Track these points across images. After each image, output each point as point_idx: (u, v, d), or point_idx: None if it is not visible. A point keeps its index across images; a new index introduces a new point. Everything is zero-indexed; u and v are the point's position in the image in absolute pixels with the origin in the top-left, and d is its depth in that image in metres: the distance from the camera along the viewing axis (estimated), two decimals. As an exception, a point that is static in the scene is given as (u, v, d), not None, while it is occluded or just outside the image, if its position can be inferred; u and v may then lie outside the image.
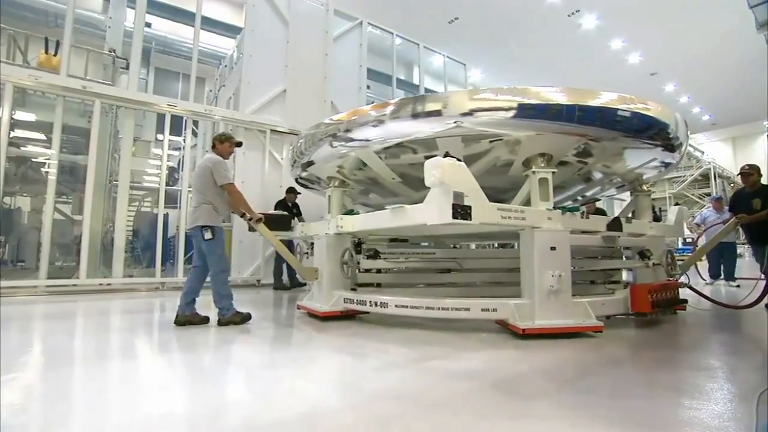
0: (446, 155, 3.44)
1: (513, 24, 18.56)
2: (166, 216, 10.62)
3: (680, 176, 28.60)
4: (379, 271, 5.25)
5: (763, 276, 5.00)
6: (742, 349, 3.65)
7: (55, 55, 9.01)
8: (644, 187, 5.48)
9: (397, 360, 3.20)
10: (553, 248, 3.86)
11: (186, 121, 10.12)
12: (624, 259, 5.79)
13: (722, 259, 8.93)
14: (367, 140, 4.40)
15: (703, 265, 9.77)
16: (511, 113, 3.84)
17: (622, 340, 3.78)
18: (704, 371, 2.85)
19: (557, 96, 3.91)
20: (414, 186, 5.11)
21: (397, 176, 4.93)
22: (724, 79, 22.23)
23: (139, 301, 6.68)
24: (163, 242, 8.65)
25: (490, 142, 4.14)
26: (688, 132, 4.92)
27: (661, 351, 3.47)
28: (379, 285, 5.22)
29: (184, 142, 11.71)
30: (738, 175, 5.77)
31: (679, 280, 5.01)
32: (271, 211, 7.62)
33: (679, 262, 5.29)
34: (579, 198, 6.21)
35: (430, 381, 2.63)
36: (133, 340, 3.99)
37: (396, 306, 4.19)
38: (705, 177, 28.87)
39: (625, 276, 6.28)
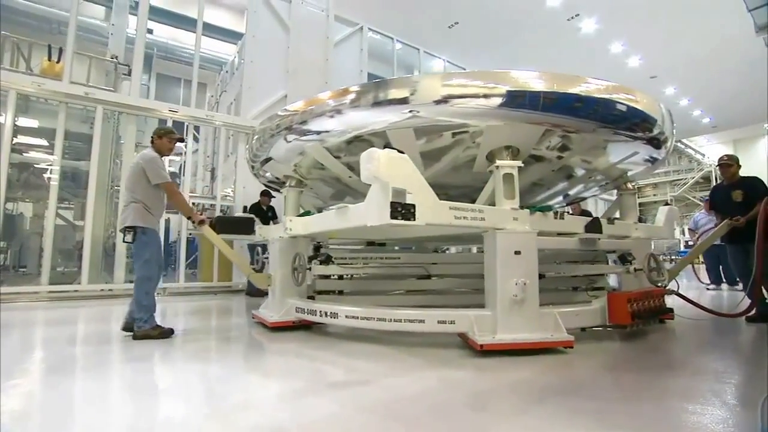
0: (386, 147, 3.01)
1: (513, 28, 18.59)
2: (167, 221, 10.71)
3: (681, 179, 28.61)
4: (341, 277, 4.78)
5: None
6: (732, 368, 3.04)
7: (58, 62, 8.99)
8: (629, 185, 4.97)
9: (332, 384, 2.69)
10: (517, 252, 3.35)
11: (187, 126, 10.01)
12: (611, 264, 5.23)
13: (721, 263, 8.47)
14: (325, 132, 3.93)
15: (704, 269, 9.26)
16: (497, 101, 3.36)
17: (594, 357, 3.26)
18: (683, 400, 2.24)
19: (544, 83, 3.45)
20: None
21: (354, 174, 4.39)
22: (725, 82, 22.11)
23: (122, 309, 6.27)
24: (165, 247, 8.70)
25: (454, 135, 3.70)
26: (674, 125, 4.58)
27: (638, 372, 2.89)
28: (341, 292, 4.73)
29: (186, 147, 11.75)
30: (716, 166, 5.36)
31: (668, 287, 4.51)
32: (238, 214, 7.33)
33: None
34: (564, 197, 5.78)
35: (348, 412, 2.07)
36: (49, 356, 3.51)
37: (346, 317, 3.71)
38: (706, 179, 28.81)
39: (614, 282, 5.71)
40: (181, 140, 4.47)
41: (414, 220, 2.86)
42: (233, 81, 11.68)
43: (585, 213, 8.07)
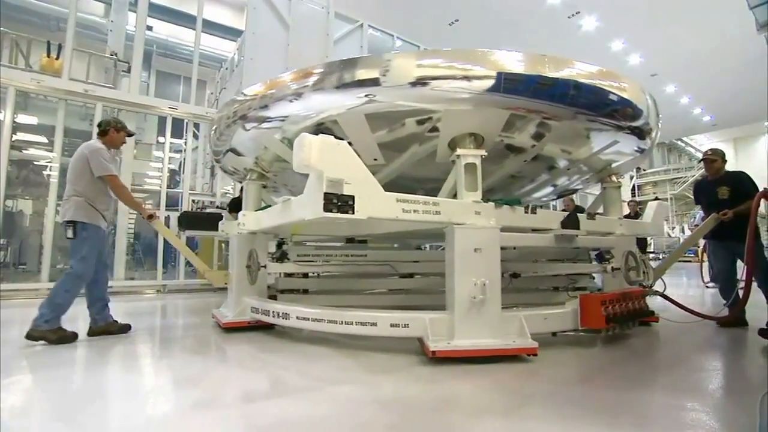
0: (322, 131, 2.75)
1: (513, 25, 18.52)
2: (167, 218, 10.74)
3: (681, 177, 28.59)
4: (306, 275, 4.49)
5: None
6: (717, 382, 2.66)
7: (57, 58, 8.97)
8: (614, 178, 4.55)
9: (238, 397, 2.34)
10: (477, 249, 2.99)
11: (187, 123, 10.00)
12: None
13: None
14: (286, 119, 3.56)
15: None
16: (487, 84, 2.99)
17: (560, 367, 2.87)
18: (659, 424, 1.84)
19: (532, 65, 3.15)
20: None
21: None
22: (725, 80, 21.94)
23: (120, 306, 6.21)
24: (165, 245, 8.77)
25: (420, 123, 3.33)
26: (659, 114, 4.21)
27: (607, 387, 2.49)
28: (306, 291, 4.43)
29: (185, 144, 11.78)
30: (700, 161, 4.89)
31: (653, 287, 4.19)
32: (209, 210, 6.97)
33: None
34: (551, 189, 5.39)
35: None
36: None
37: (297, 318, 3.39)
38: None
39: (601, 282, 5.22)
40: (131, 135, 4.27)
41: (352, 213, 2.53)
42: (233, 78, 11.62)
43: (579, 209, 7.98)
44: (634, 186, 20.04)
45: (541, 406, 2.15)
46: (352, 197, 2.56)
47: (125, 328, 3.82)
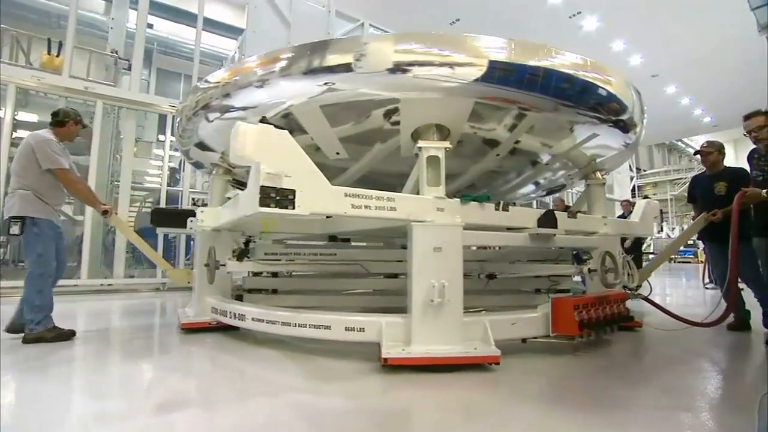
0: (263, 120, 2.55)
1: (514, 25, 18.13)
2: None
3: (682, 178, 28.03)
4: (275, 274, 4.25)
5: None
6: (700, 403, 2.30)
7: (57, 56, 8.82)
8: (599, 175, 4.22)
9: (157, 405, 2.05)
10: (437, 249, 2.71)
11: None
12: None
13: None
14: (251, 108, 3.24)
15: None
16: (478, 72, 2.76)
17: (525, 378, 2.56)
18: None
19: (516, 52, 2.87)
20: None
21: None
22: (726, 81, 21.39)
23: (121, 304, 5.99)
24: (164, 242, 8.63)
25: (388, 115, 3.05)
26: (644, 108, 3.96)
27: (570, 407, 2.18)
28: (275, 291, 4.20)
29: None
30: (696, 153, 4.47)
31: (637, 290, 3.92)
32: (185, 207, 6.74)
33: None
34: (535, 185, 5.09)
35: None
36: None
37: (252, 319, 3.15)
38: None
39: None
40: (84, 127, 3.94)
41: (293, 208, 2.30)
42: (233, 76, 11.50)
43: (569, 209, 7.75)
44: (634, 187, 19.61)
45: (493, 427, 1.87)
46: (293, 191, 2.32)
47: (64, 336, 3.40)
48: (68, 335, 3.38)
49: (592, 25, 18.24)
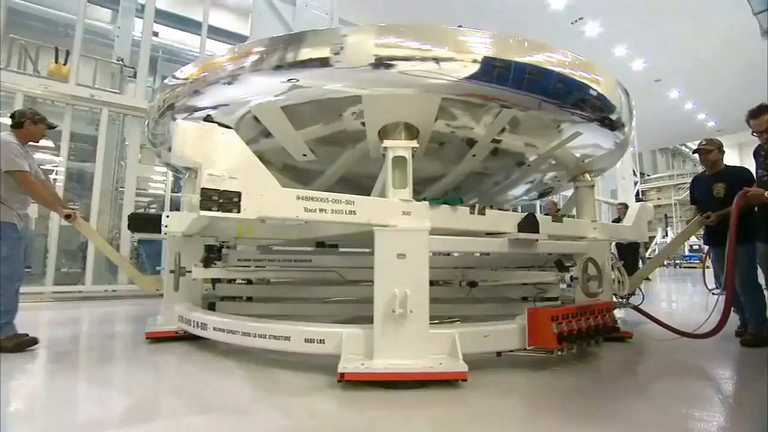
0: (207, 119, 2.37)
1: (516, 31, 17.81)
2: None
3: (686, 183, 27.37)
4: (249, 282, 4.08)
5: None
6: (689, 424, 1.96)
7: (65, 64, 8.91)
8: (587, 176, 3.92)
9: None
10: (400, 255, 2.45)
11: None
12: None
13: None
14: (220, 107, 2.97)
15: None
16: (469, 70, 2.54)
17: (500, 395, 2.31)
18: None
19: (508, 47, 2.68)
20: (302, 179, 3.83)
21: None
22: (730, 85, 20.77)
23: (99, 310, 5.75)
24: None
25: (358, 116, 2.81)
26: (632, 105, 3.63)
27: None
28: (249, 299, 4.01)
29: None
30: (694, 152, 4.08)
31: (629, 298, 3.65)
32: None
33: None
34: (525, 187, 4.74)
35: None
36: None
37: (214, 329, 2.93)
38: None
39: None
40: (53, 127, 3.68)
41: (238, 212, 2.09)
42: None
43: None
44: (638, 191, 19.08)
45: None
46: (238, 194, 2.11)
47: (25, 344, 3.17)
48: (29, 343, 3.17)
49: (594, 31, 17.90)
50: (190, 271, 3.38)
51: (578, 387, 2.50)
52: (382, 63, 2.53)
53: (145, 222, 3.97)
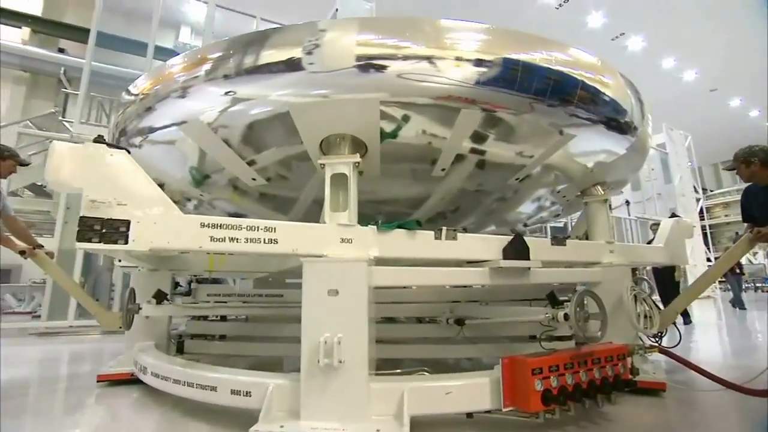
0: (98, 140, 1.87)
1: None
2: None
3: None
4: (224, 318, 3.61)
5: None
6: None
7: None
8: (599, 189, 3.13)
9: None
10: (332, 291, 1.92)
11: None
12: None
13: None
14: (180, 125, 2.44)
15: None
16: (479, 75, 2.09)
17: None
18: None
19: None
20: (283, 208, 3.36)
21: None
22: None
23: (80, 346, 5.55)
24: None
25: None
26: (643, 104, 2.87)
27: None
28: (223, 337, 3.53)
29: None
30: (737, 162, 3.01)
31: (660, 339, 2.78)
32: None
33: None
34: (534, 205, 3.80)
35: None
36: None
37: (152, 374, 2.48)
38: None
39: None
40: (25, 164, 3.39)
41: (125, 243, 1.71)
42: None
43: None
44: (702, 209, 16.68)
45: None
46: (126, 222, 1.73)
47: None
48: None
49: (637, 45, 16.44)
50: (140, 308, 2.91)
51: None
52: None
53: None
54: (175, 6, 13.63)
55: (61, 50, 12.97)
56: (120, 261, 3.33)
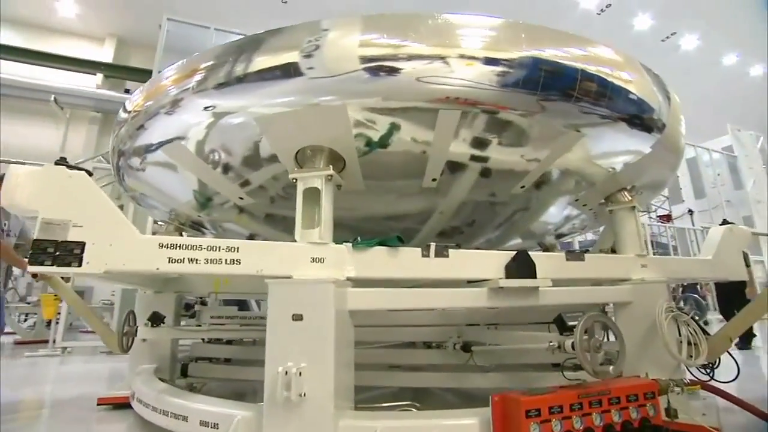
0: (60, 162, 1.95)
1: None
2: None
3: None
4: (230, 342, 3.45)
5: None
6: None
7: None
8: (626, 195, 2.70)
9: None
10: (297, 317, 1.72)
11: None
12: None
13: None
14: (175, 140, 2.28)
15: None
16: (499, 75, 1.88)
17: None
18: None
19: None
20: (277, 226, 3.16)
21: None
22: None
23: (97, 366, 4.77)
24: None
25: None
26: (671, 100, 2.47)
27: None
28: (228, 361, 3.41)
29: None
30: None
31: (713, 372, 2.30)
32: None
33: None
34: (563, 212, 3.36)
35: None
36: None
37: (137, 400, 2.40)
38: None
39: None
40: None
41: (78, 265, 1.63)
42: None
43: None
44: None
45: None
46: (81, 244, 1.67)
47: None
48: None
49: (692, 44, 15.14)
50: (136, 331, 2.86)
51: None
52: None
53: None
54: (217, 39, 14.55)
55: (127, 91, 14.26)
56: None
